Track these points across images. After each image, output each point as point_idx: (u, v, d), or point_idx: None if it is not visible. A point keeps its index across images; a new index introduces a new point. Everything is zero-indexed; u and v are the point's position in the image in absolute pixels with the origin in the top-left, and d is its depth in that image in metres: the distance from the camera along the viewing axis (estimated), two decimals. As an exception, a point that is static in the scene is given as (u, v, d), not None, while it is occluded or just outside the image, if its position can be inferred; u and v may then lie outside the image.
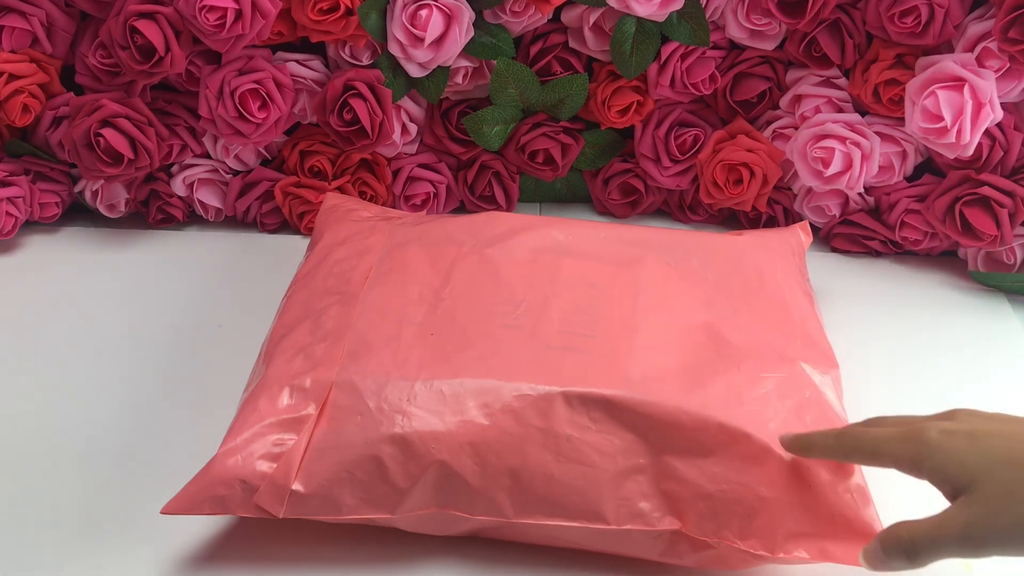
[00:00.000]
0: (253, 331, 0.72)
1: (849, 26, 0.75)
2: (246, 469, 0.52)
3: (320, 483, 0.52)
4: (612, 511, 0.52)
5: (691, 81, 0.79)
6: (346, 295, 0.60)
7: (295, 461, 0.52)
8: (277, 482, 0.51)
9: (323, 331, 0.58)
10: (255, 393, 0.56)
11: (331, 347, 0.56)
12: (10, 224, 0.80)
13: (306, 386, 0.54)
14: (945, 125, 0.72)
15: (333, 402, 0.53)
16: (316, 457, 0.52)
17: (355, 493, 0.52)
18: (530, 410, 0.53)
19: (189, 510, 0.52)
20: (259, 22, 0.72)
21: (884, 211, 0.81)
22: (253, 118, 0.76)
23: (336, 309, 0.59)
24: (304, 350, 0.57)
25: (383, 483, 0.52)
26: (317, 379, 0.54)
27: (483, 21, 0.77)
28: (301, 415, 0.53)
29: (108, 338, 0.72)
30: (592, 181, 0.87)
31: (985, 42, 0.72)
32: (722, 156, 0.80)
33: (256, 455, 0.52)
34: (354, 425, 0.53)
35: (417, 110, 0.82)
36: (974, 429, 0.44)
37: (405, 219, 0.69)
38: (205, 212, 0.84)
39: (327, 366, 0.55)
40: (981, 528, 0.41)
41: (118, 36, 0.72)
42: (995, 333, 0.75)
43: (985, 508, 0.41)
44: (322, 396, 0.54)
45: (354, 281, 0.61)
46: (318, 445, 0.52)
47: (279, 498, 0.52)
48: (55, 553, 0.56)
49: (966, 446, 0.43)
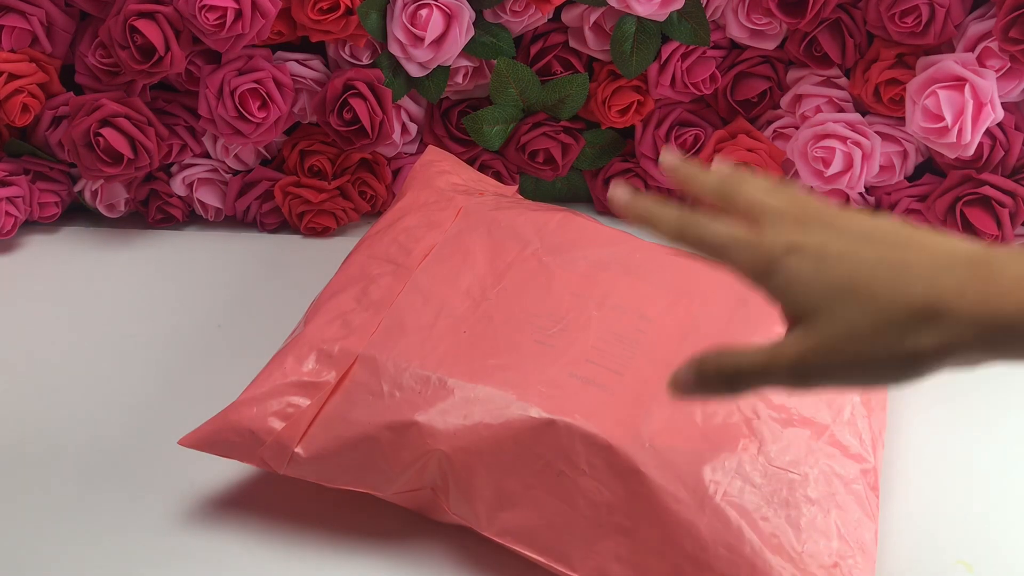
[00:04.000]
0: (253, 331, 0.72)
1: (850, 26, 0.75)
2: (258, 422, 0.54)
3: (319, 451, 0.53)
4: (580, 561, 0.51)
5: (691, 81, 0.79)
6: (401, 268, 0.61)
7: (302, 426, 0.54)
8: (282, 442, 0.53)
9: (368, 300, 0.59)
10: (287, 348, 0.57)
11: (369, 319, 0.57)
12: (10, 224, 0.79)
13: (333, 352, 0.56)
14: (946, 125, 0.72)
15: (352, 376, 0.55)
16: (322, 427, 0.54)
17: (348, 469, 0.54)
18: (531, 433, 0.52)
19: (202, 447, 0.55)
20: (259, 22, 0.72)
21: (885, 211, 0.81)
22: (253, 118, 0.76)
23: (388, 280, 0.60)
24: (344, 316, 0.58)
25: (376, 465, 0.53)
26: (345, 348, 0.56)
27: (483, 21, 0.77)
28: (320, 381, 0.55)
29: (108, 338, 0.72)
30: (592, 181, 0.87)
31: (986, 42, 0.72)
32: (723, 156, 0.80)
33: (270, 411, 0.54)
34: (365, 405, 0.54)
35: (417, 110, 0.82)
36: (824, 249, 0.38)
37: (486, 198, 0.67)
38: (205, 212, 0.84)
39: (359, 337, 0.56)
40: (814, 362, 0.38)
41: (118, 36, 0.72)
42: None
43: (822, 342, 0.38)
44: (344, 367, 0.55)
45: (414, 255, 0.62)
46: (327, 415, 0.54)
47: (282, 457, 0.54)
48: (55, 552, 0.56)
49: (812, 271, 0.38)
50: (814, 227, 0.40)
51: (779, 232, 0.40)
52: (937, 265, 0.37)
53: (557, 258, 0.61)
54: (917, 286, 0.36)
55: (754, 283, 0.40)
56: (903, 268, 0.37)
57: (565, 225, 0.64)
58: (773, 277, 0.39)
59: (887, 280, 0.37)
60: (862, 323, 0.37)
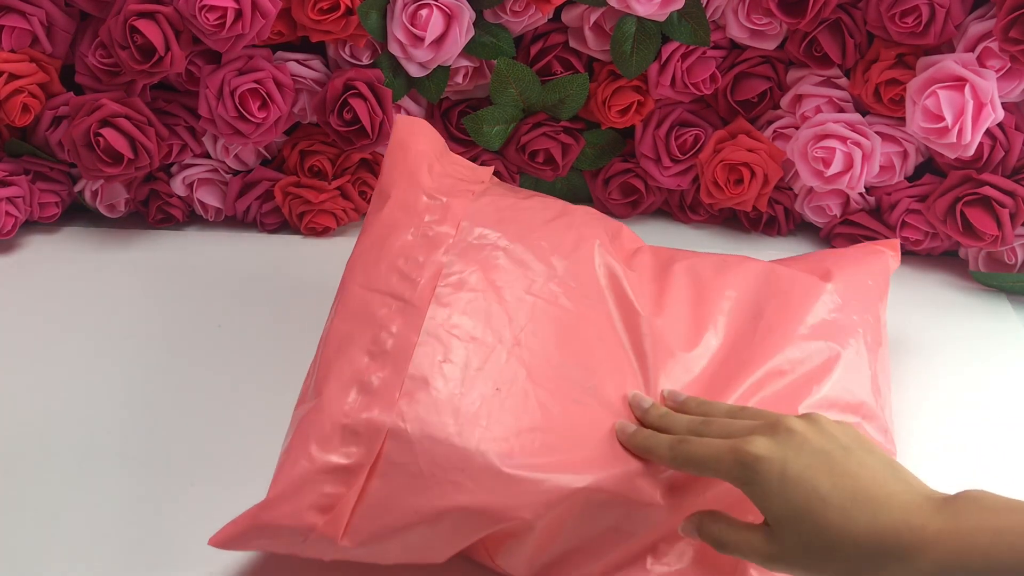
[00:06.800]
0: (253, 331, 0.72)
1: (850, 26, 0.75)
2: (295, 519, 0.49)
3: (367, 539, 0.50)
4: None
5: (692, 81, 0.79)
6: (410, 306, 0.54)
7: (343, 518, 0.49)
8: (326, 537, 0.49)
9: (382, 351, 0.53)
10: (306, 429, 0.51)
11: (389, 379, 0.52)
12: (10, 224, 0.79)
13: (359, 429, 0.50)
14: (946, 125, 0.72)
15: (386, 456, 0.50)
16: (366, 517, 0.49)
17: (402, 550, 0.50)
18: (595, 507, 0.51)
19: (235, 546, 0.51)
20: (259, 22, 0.72)
21: (885, 211, 0.81)
22: (253, 118, 0.76)
23: (399, 322, 0.54)
24: (360, 377, 0.52)
25: (431, 545, 0.50)
26: (371, 423, 0.50)
27: (483, 21, 0.77)
28: (351, 463, 0.50)
29: (108, 338, 0.72)
30: (592, 181, 0.87)
31: (986, 42, 0.72)
32: (723, 156, 0.80)
33: (305, 505, 0.49)
34: (406, 488, 0.49)
35: (417, 110, 0.82)
36: (785, 468, 0.44)
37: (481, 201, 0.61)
38: (205, 212, 0.84)
39: (383, 406, 0.51)
40: (778, 563, 0.45)
41: (118, 36, 0.72)
42: (995, 333, 0.75)
43: (783, 551, 0.44)
44: (375, 446, 0.50)
45: (420, 287, 0.55)
46: (369, 504, 0.49)
47: (327, 550, 0.50)
48: (54, 552, 0.55)
49: (777, 487, 0.44)
50: (782, 435, 0.46)
51: (753, 443, 0.45)
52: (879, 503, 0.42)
53: (580, 291, 0.58)
54: (862, 520, 0.41)
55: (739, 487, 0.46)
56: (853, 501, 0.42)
57: (581, 245, 0.60)
58: (746, 487, 0.45)
59: (839, 509, 0.42)
60: (816, 544, 0.43)
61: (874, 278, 0.66)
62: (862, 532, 0.41)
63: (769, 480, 0.44)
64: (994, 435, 0.65)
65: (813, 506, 0.42)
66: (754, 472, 0.45)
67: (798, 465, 0.44)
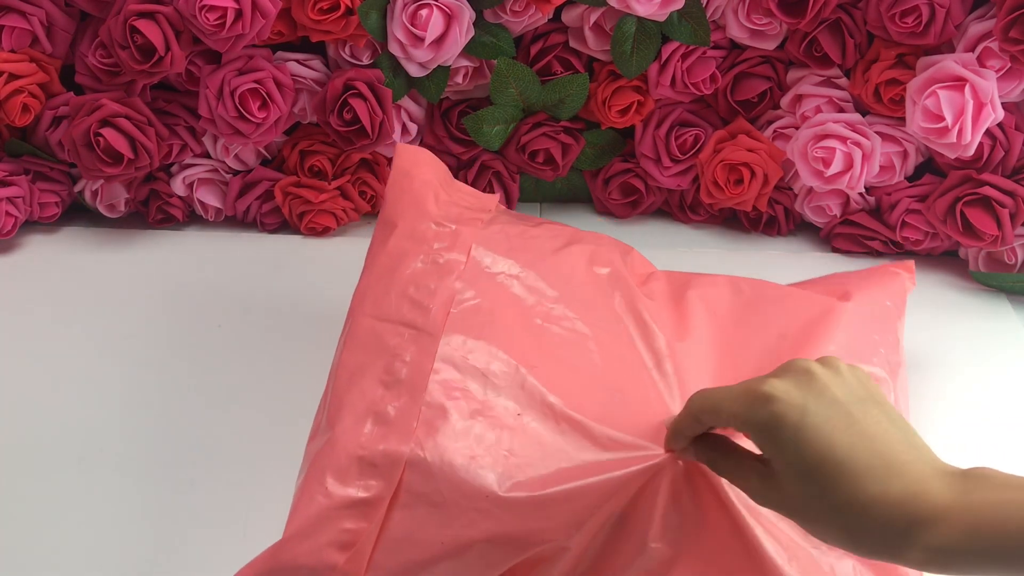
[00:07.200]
0: (253, 331, 0.72)
1: (850, 26, 0.75)
2: (314, 557, 0.47)
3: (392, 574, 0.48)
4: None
5: (692, 81, 0.79)
6: (423, 334, 0.53)
7: (365, 554, 0.48)
8: (348, 574, 0.48)
9: (396, 380, 0.51)
10: (321, 463, 0.50)
11: (405, 409, 0.50)
12: (10, 224, 0.79)
13: (376, 460, 0.49)
14: (946, 125, 0.72)
15: (407, 486, 0.48)
16: (388, 552, 0.48)
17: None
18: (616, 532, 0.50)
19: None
20: (259, 22, 0.72)
21: (885, 211, 0.81)
22: (253, 118, 0.76)
23: (412, 350, 0.52)
24: (375, 408, 0.51)
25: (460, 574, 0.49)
26: (388, 453, 0.49)
27: (483, 21, 0.77)
28: (370, 496, 0.48)
29: (108, 338, 0.72)
30: (592, 181, 0.87)
31: (986, 42, 0.72)
32: (723, 156, 0.80)
33: (323, 541, 0.48)
34: (429, 518, 0.48)
35: (417, 110, 0.82)
36: (804, 418, 0.41)
37: (491, 229, 0.60)
38: (205, 212, 0.84)
39: (400, 436, 0.49)
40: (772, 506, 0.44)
41: (118, 36, 0.72)
42: (995, 333, 0.75)
43: (782, 499, 0.43)
44: (394, 477, 0.48)
45: (433, 314, 0.54)
46: (390, 538, 0.48)
47: None
48: (54, 552, 0.56)
49: (791, 438, 0.41)
50: (800, 380, 0.43)
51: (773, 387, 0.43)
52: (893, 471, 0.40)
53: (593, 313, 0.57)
54: (874, 489, 0.40)
55: (741, 428, 0.44)
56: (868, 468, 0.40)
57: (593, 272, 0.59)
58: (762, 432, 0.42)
59: (852, 475, 0.40)
60: (820, 504, 0.41)
61: (892, 299, 0.65)
62: (872, 501, 0.40)
63: (784, 427, 0.41)
64: (994, 435, 0.65)
65: (826, 469, 0.40)
66: (768, 415, 0.42)
67: (817, 417, 0.41)
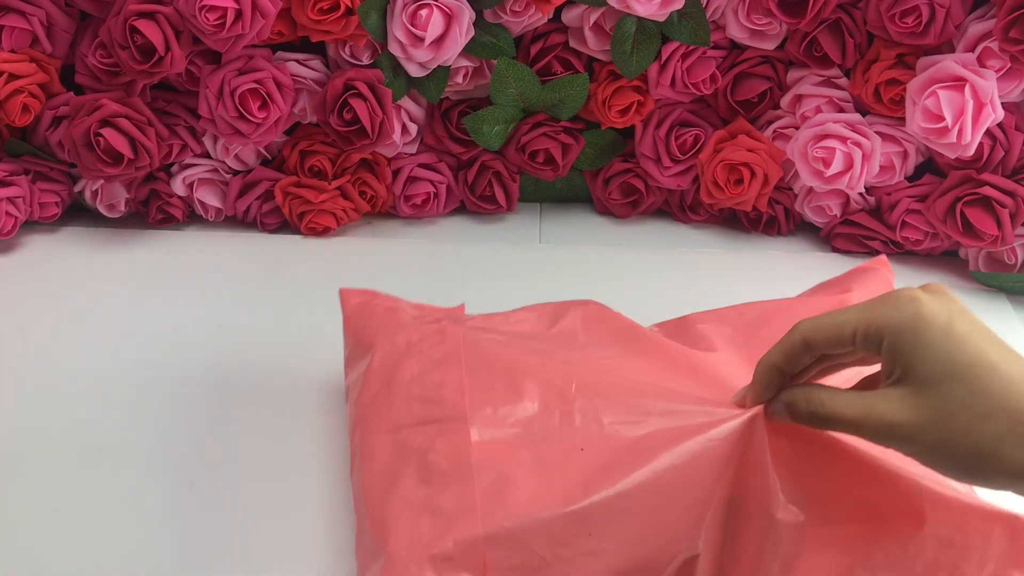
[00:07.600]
0: (253, 331, 0.72)
1: (850, 26, 0.75)
2: None
3: None
4: None
5: (692, 81, 0.79)
6: (448, 421, 0.49)
7: None
8: None
9: (438, 474, 0.47)
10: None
11: (461, 493, 0.45)
12: (10, 224, 0.79)
13: (450, 552, 0.43)
14: (946, 125, 0.72)
15: (494, 564, 0.43)
16: None
17: None
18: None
19: None
20: (259, 22, 0.72)
21: (885, 211, 0.81)
22: (253, 118, 0.76)
23: (443, 442, 0.48)
24: (425, 506, 0.46)
25: None
26: (461, 539, 0.44)
27: (483, 21, 0.77)
28: None
29: (108, 338, 0.72)
30: (592, 181, 0.87)
31: (986, 42, 0.72)
32: (723, 156, 0.80)
33: None
34: None
35: (417, 110, 0.82)
36: (951, 323, 0.38)
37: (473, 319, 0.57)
38: (205, 212, 0.84)
39: (467, 520, 0.44)
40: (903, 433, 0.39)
41: (118, 36, 0.72)
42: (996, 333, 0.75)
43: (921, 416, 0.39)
44: (476, 559, 0.43)
45: (450, 402, 0.50)
46: None
47: None
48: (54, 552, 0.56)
49: (940, 340, 0.38)
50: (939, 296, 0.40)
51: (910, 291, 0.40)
52: None
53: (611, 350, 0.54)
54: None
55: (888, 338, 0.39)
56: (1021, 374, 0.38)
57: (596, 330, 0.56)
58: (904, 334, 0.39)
59: (1007, 379, 0.37)
60: (968, 412, 0.37)
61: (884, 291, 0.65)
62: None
63: (934, 325, 0.38)
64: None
65: (979, 371, 0.38)
66: (915, 313, 0.38)
67: (963, 325, 0.39)
